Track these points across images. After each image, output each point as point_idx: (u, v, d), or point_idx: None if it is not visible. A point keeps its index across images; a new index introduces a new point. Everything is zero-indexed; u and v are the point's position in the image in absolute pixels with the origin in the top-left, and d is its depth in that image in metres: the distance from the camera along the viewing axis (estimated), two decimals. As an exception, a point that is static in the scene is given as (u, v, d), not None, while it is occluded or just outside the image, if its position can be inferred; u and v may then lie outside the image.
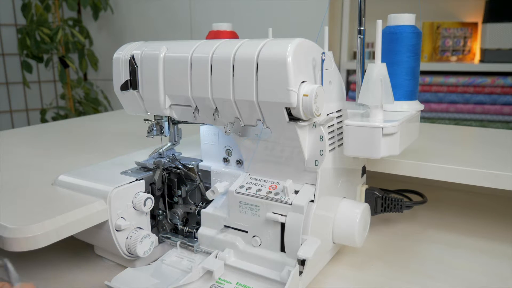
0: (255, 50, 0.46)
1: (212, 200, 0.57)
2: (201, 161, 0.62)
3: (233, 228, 0.53)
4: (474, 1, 1.87)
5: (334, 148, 0.52)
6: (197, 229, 0.57)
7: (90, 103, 2.24)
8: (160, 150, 0.63)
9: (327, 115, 0.50)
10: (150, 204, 0.57)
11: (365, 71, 0.50)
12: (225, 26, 0.64)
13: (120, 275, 0.52)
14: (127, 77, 0.57)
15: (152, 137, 0.62)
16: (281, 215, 0.49)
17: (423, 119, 1.76)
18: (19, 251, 0.44)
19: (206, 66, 0.49)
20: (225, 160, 0.59)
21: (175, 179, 0.62)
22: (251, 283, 0.49)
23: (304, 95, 0.44)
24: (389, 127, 0.48)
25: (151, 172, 0.61)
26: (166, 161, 0.62)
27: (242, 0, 2.03)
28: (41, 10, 2.08)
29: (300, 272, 0.47)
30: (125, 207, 0.55)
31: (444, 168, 0.56)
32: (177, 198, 0.62)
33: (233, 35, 0.64)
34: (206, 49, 0.50)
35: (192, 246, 0.56)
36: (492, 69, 1.70)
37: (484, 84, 1.69)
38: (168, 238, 0.59)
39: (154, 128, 0.61)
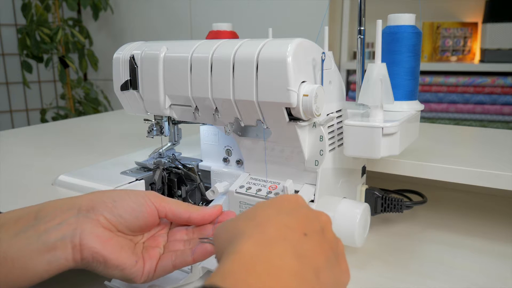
0: (255, 50, 0.46)
1: (212, 200, 0.57)
2: (201, 161, 0.62)
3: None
4: (474, 1, 1.87)
5: (334, 148, 0.52)
6: (197, 229, 0.57)
7: (90, 103, 2.24)
8: (160, 150, 0.63)
9: (327, 115, 0.50)
10: (150, 204, 0.57)
11: (365, 71, 0.50)
12: (225, 26, 0.64)
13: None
14: (127, 77, 0.57)
15: (152, 137, 0.62)
16: (281, 215, 0.49)
17: (423, 119, 1.76)
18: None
19: (206, 66, 0.49)
20: (225, 160, 0.59)
21: (175, 179, 0.62)
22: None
23: (304, 95, 0.44)
24: (389, 127, 0.48)
25: (151, 172, 0.61)
26: (166, 161, 0.62)
27: (242, 0, 2.03)
28: (41, 10, 2.08)
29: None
30: (125, 207, 0.55)
31: (444, 168, 0.56)
32: (177, 198, 0.62)
33: (233, 35, 0.64)
34: (206, 49, 0.50)
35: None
36: (492, 69, 1.70)
37: (484, 84, 1.69)
38: (168, 238, 0.59)
39: (154, 128, 0.61)
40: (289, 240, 0.29)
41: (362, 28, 0.58)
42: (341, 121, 0.53)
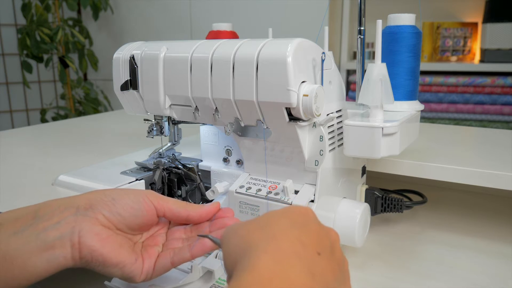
0: (255, 50, 0.46)
1: (212, 200, 0.57)
2: (201, 161, 0.62)
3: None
4: (474, 1, 1.87)
5: (334, 148, 0.52)
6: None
7: (90, 103, 2.24)
8: (160, 150, 0.63)
9: (327, 115, 0.50)
10: (150, 204, 0.57)
11: (365, 71, 0.50)
12: (225, 26, 0.64)
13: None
14: (127, 77, 0.57)
15: (152, 137, 0.62)
16: (281, 215, 0.49)
17: (423, 119, 1.76)
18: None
19: (206, 66, 0.49)
20: (225, 160, 0.59)
21: (175, 179, 0.62)
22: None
23: (304, 95, 0.44)
24: (389, 127, 0.48)
25: (151, 172, 0.61)
26: (166, 161, 0.62)
27: (242, 0, 2.03)
28: (41, 10, 2.08)
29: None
30: (125, 207, 0.55)
31: (444, 168, 0.56)
32: (177, 198, 0.62)
33: (233, 35, 0.64)
34: (206, 49, 0.50)
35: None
36: (492, 69, 1.70)
37: (484, 84, 1.69)
38: (168, 238, 0.59)
39: (154, 128, 0.61)
40: (304, 258, 0.29)
41: (362, 28, 0.58)
42: (341, 121, 0.53)
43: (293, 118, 0.46)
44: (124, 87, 0.57)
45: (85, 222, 0.37)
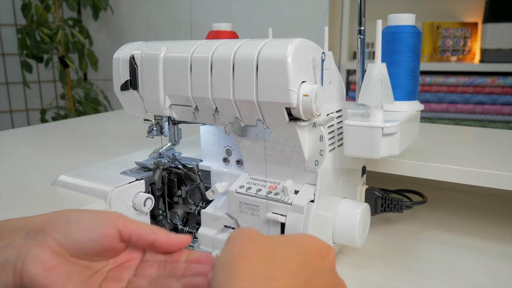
0: (255, 50, 0.46)
1: (212, 200, 0.57)
2: (201, 161, 0.62)
3: (233, 228, 0.53)
4: (474, 1, 1.87)
5: (334, 148, 0.52)
6: (197, 229, 0.57)
7: (90, 103, 2.24)
8: (160, 150, 0.63)
9: (327, 115, 0.50)
10: (150, 204, 0.57)
11: (365, 71, 0.50)
12: (225, 26, 0.64)
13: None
14: (127, 77, 0.57)
15: (152, 137, 0.62)
16: (281, 215, 0.49)
17: (423, 119, 1.76)
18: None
19: (206, 66, 0.49)
20: (225, 160, 0.59)
21: (175, 179, 0.62)
22: (251, 283, 0.48)
23: (304, 95, 0.44)
24: (389, 127, 0.48)
25: (151, 172, 0.61)
26: (166, 161, 0.62)
27: (242, 0, 2.03)
28: (41, 10, 2.08)
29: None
30: (125, 207, 0.55)
31: (444, 168, 0.56)
32: (177, 198, 0.62)
33: (233, 35, 0.64)
34: (206, 49, 0.50)
35: (192, 246, 0.56)
36: (492, 69, 1.70)
37: (484, 84, 1.69)
38: (168, 238, 0.59)
39: (154, 128, 0.61)
40: None
41: (362, 28, 0.58)
42: (341, 121, 0.53)
43: (293, 118, 0.47)
44: (124, 87, 0.57)
45: (33, 247, 0.33)
